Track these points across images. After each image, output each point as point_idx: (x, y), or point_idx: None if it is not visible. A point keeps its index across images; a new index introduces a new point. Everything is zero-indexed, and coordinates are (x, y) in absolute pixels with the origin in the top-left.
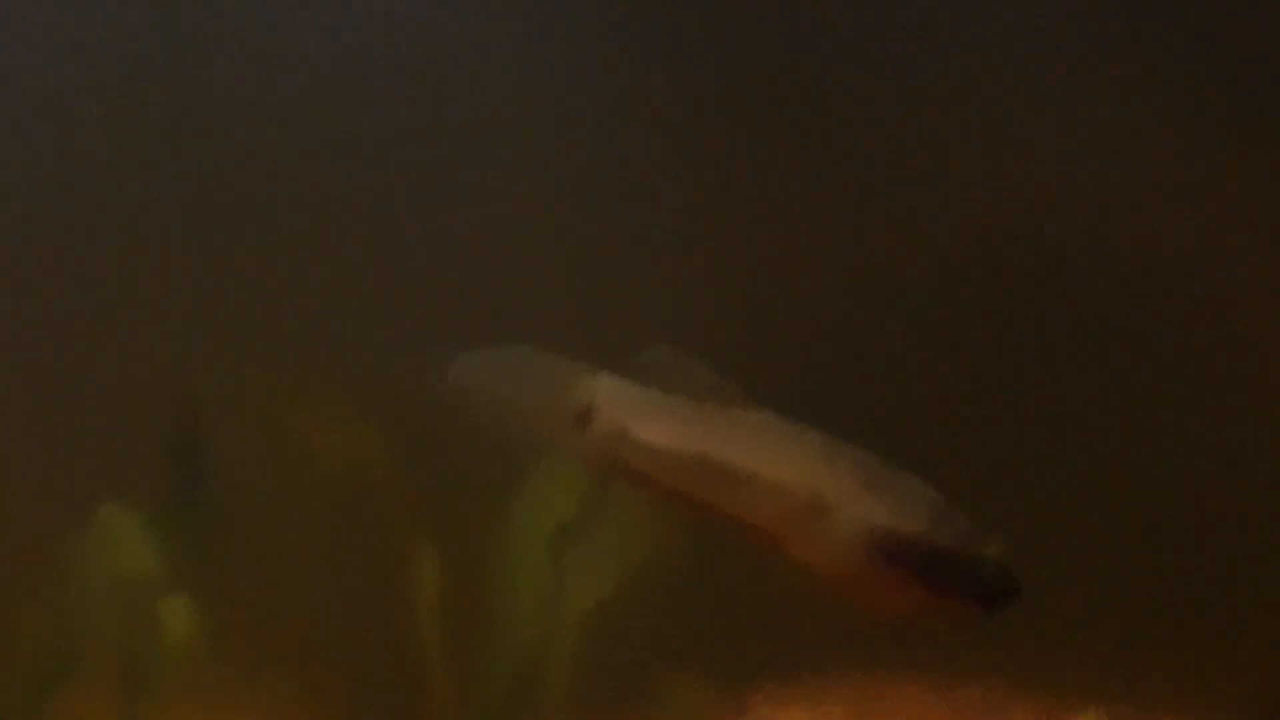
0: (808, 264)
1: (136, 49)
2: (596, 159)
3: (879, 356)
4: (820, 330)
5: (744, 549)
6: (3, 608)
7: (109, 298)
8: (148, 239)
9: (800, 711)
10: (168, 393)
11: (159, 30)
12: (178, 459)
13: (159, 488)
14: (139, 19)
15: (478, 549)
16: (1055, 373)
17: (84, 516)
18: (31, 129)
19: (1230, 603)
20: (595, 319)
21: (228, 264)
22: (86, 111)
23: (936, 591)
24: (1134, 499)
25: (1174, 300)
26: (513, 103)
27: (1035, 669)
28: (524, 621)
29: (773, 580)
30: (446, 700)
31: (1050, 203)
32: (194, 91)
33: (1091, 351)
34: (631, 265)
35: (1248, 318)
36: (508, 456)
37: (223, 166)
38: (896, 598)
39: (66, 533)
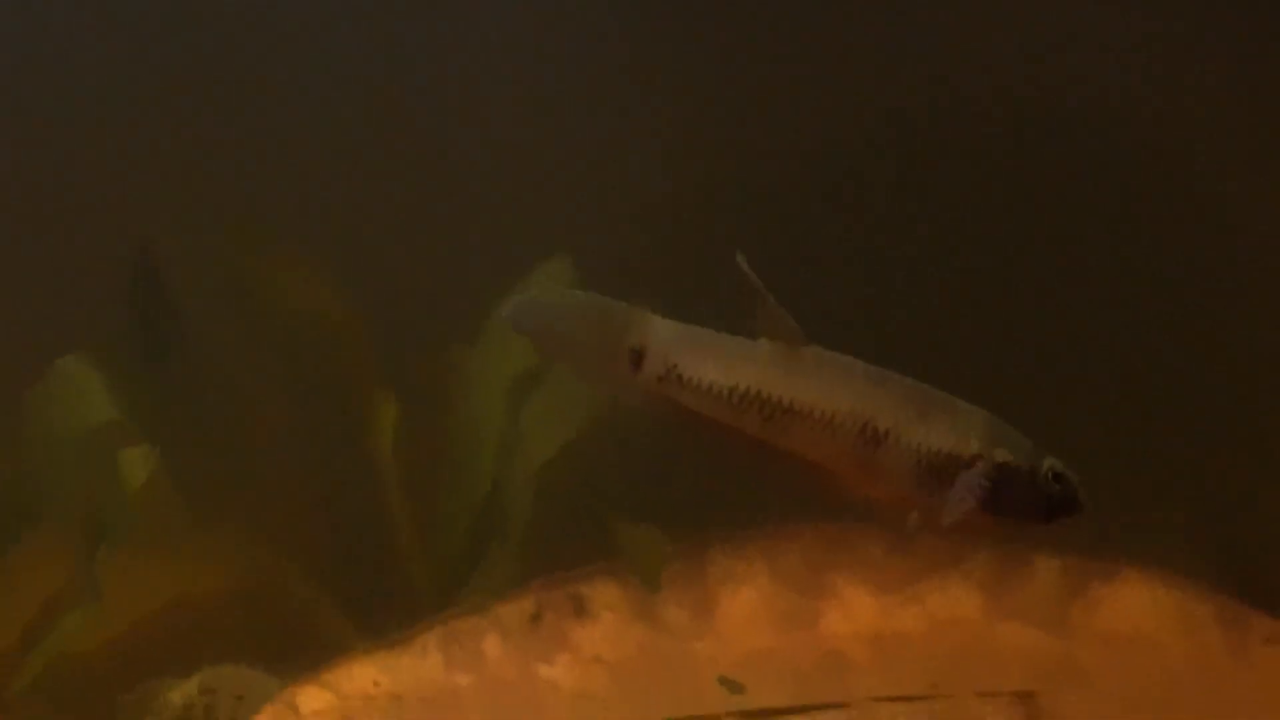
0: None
1: None
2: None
3: (850, 223)
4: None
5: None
6: None
7: (71, 147)
8: (111, 87)
9: (757, 562)
10: (129, 242)
11: None
12: (138, 309)
13: (119, 338)
14: None
15: (438, 396)
16: (1030, 230)
17: (44, 367)
18: None
19: (1189, 455)
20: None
21: (192, 113)
22: None
23: (997, 510)
24: (1093, 349)
25: (1146, 152)
26: None
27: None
28: (483, 469)
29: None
30: (407, 546)
31: (1023, 62)
32: None
33: (1069, 209)
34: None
35: (1225, 174)
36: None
37: (189, 17)
38: (958, 519)
39: (26, 384)
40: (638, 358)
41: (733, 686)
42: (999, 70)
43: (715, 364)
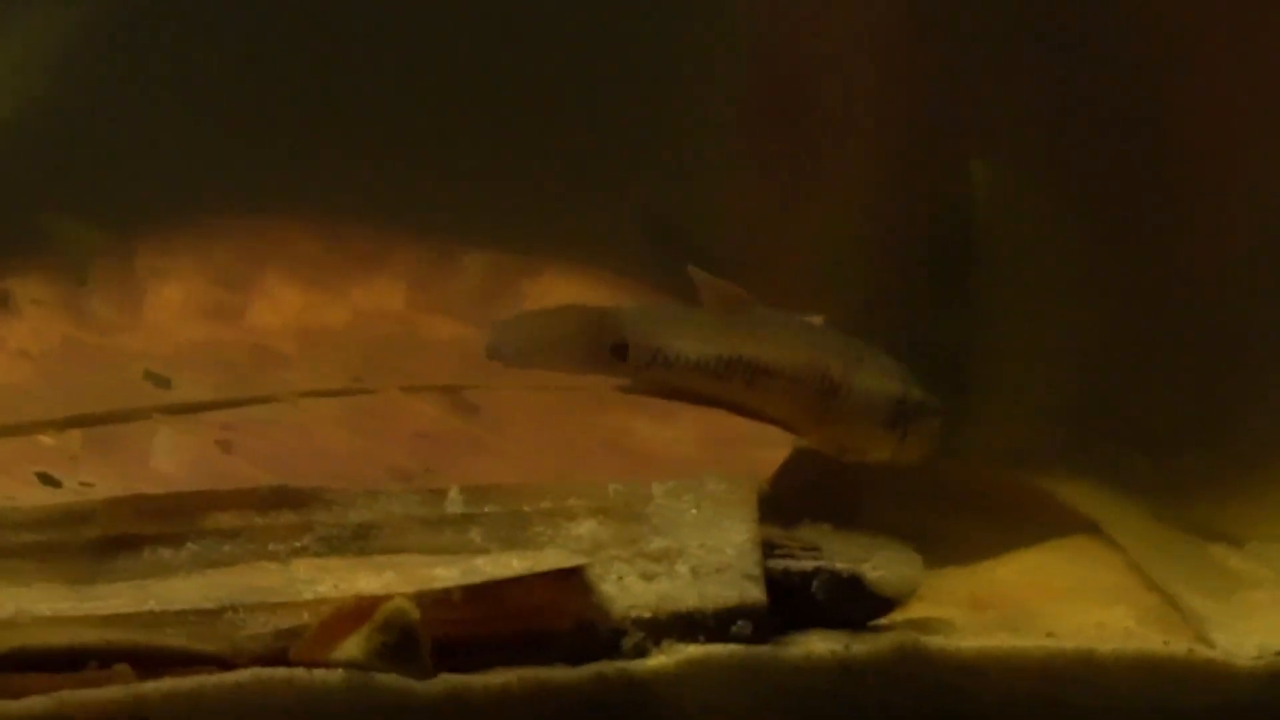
0: None
1: None
2: None
3: None
4: None
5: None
6: None
7: None
8: None
9: (185, 256)
10: None
11: None
12: None
13: None
14: None
15: None
16: None
17: None
18: None
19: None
20: None
21: None
22: None
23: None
24: None
25: None
26: None
27: (421, 213)
28: None
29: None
30: None
31: None
32: None
33: None
34: None
35: None
36: None
37: None
38: (887, 450)
39: None
40: (622, 350)
41: (159, 380)
42: None
43: (694, 340)
